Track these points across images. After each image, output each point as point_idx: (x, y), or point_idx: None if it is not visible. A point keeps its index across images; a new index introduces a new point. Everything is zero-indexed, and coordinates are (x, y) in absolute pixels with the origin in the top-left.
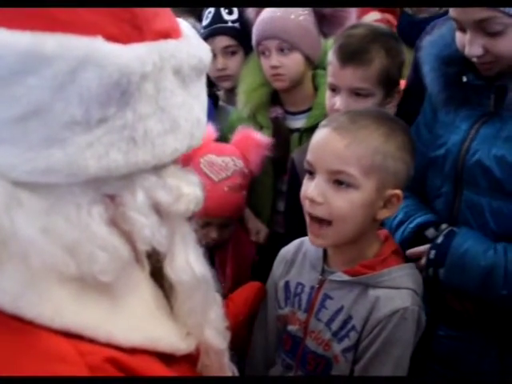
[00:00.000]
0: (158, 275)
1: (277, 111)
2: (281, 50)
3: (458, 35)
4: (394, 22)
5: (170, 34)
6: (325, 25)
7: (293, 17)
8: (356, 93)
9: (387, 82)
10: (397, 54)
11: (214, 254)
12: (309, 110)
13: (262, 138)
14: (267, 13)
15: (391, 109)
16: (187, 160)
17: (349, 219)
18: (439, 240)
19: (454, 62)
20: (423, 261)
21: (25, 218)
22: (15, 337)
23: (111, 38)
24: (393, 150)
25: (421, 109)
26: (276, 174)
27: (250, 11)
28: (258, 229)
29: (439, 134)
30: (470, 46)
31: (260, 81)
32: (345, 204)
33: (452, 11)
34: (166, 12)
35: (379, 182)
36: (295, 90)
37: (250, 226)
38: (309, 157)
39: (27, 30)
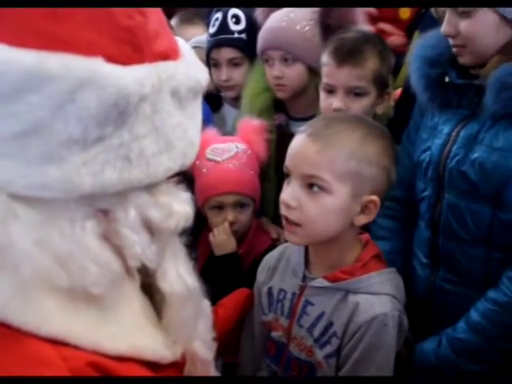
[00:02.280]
0: (147, 288)
1: (280, 118)
2: (284, 61)
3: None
4: (394, 30)
5: (169, 55)
6: (329, 36)
7: (298, 28)
8: (352, 92)
9: (380, 82)
10: (387, 56)
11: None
12: (313, 116)
13: (260, 123)
14: (272, 22)
15: (381, 109)
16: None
17: (320, 224)
18: None
19: (437, 63)
20: None
21: (20, 230)
22: (1, 342)
23: (112, 58)
24: (368, 156)
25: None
26: (279, 179)
27: (259, 13)
28: (277, 232)
29: (424, 138)
30: (445, 25)
31: (263, 86)
32: (317, 209)
33: None
34: (166, 32)
35: (354, 188)
36: (299, 98)
37: (269, 230)
38: (286, 162)
39: (31, 48)
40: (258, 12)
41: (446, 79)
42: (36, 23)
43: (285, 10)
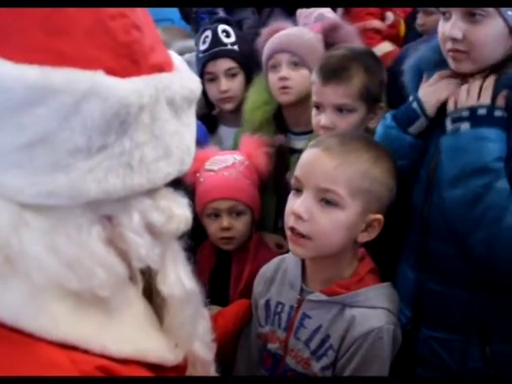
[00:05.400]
0: (148, 292)
1: (280, 139)
2: (291, 64)
3: (442, 25)
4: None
5: (163, 67)
6: None
7: (307, 37)
8: (339, 109)
9: (368, 98)
10: (376, 71)
11: (232, 256)
12: (312, 131)
13: (261, 137)
14: (283, 30)
15: (373, 124)
16: (196, 170)
17: (330, 238)
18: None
19: (437, 64)
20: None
21: (31, 237)
22: (14, 348)
23: (112, 72)
24: (379, 175)
25: None
26: (278, 193)
27: (261, 41)
28: (279, 243)
29: None
30: (452, 27)
31: (264, 99)
32: (329, 223)
33: None
34: (161, 46)
35: (364, 205)
36: (298, 110)
37: (268, 242)
38: (297, 173)
39: (35, 63)
40: (262, 38)
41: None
42: (38, 40)
43: (293, 27)
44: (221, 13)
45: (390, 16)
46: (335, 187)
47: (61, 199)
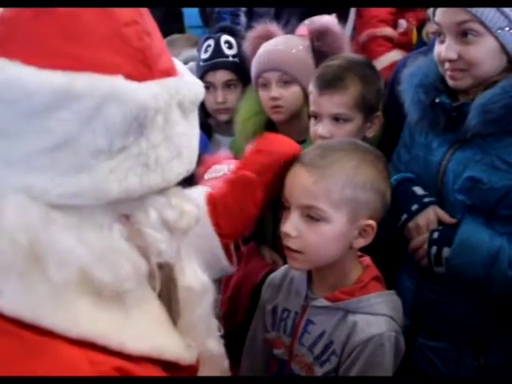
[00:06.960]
0: (163, 292)
1: None
2: (281, 82)
3: (437, 46)
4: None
5: (170, 72)
6: (322, 62)
7: (294, 51)
8: (335, 118)
9: (364, 107)
10: (372, 80)
11: None
12: (305, 141)
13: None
14: (268, 46)
15: (371, 133)
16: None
17: (321, 251)
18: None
19: (432, 89)
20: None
21: (61, 232)
22: (31, 346)
23: (130, 76)
24: (363, 182)
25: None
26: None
27: (247, 46)
28: (273, 259)
29: (420, 155)
30: (447, 49)
31: (254, 110)
32: (317, 237)
33: (436, 15)
34: (166, 52)
35: (351, 214)
36: (292, 123)
37: (266, 256)
38: (284, 192)
39: (58, 69)
40: (247, 44)
41: (437, 100)
42: (59, 46)
43: (279, 37)
44: (242, 15)
45: (402, 23)
46: (316, 203)
47: (84, 199)
